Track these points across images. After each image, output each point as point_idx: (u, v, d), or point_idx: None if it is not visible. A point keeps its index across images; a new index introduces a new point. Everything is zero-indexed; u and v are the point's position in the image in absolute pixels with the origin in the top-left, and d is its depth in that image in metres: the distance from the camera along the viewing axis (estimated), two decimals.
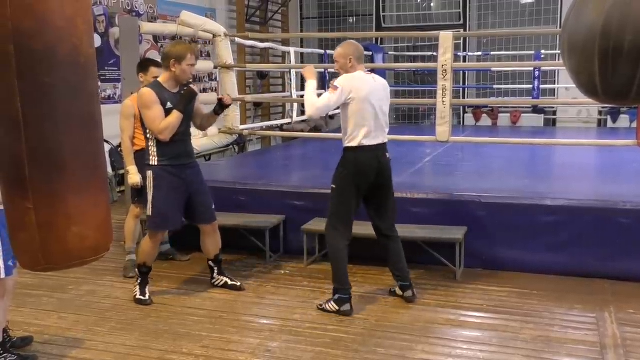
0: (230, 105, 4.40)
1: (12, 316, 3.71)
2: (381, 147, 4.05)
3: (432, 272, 4.76)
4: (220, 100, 4.33)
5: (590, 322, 3.87)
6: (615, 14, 1.53)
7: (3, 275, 3.18)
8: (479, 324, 3.90)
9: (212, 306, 4.20)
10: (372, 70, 4.61)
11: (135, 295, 4.27)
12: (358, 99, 3.90)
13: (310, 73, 4.09)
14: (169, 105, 4.05)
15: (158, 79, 4.19)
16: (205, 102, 4.63)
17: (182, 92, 4.11)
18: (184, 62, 4.06)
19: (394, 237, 4.21)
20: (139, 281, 4.30)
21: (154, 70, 4.72)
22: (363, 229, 4.35)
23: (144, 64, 4.82)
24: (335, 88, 3.89)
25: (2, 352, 3.33)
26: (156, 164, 4.12)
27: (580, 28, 1.62)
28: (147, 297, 4.26)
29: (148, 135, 4.13)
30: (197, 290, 4.50)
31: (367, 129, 3.94)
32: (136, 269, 4.35)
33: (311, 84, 4.05)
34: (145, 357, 3.46)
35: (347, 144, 4.00)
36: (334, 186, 4.06)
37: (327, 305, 4.05)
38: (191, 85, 4.15)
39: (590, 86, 1.68)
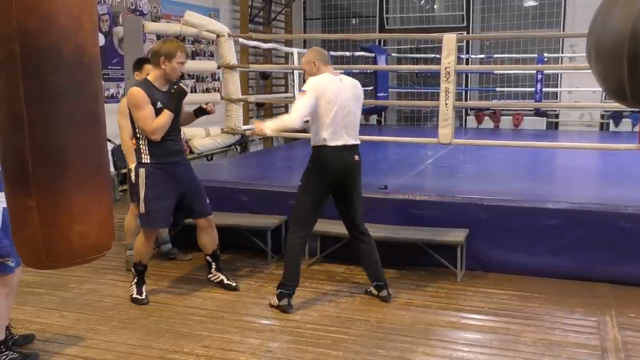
0: (210, 113, 4.40)
1: (14, 314, 3.71)
2: (349, 148, 4.04)
3: (433, 274, 4.76)
4: (202, 108, 4.30)
5: (591, 326, 3.87)
6: None
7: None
8: (479, 327, 3.90)
9: (214, 306, 4.21)
10: (374, 72, 4.61)
11: (132, 294, 4.28)
12: (323, 100, 3.94)
13: (262, 126, 4.10)
14: (159, 104, 4.03)
15: (147, 77, 4.18)
16: (206, 101, 4.63)
17: (172, 90, 4.09)
18: (174, 59, 4.04)
19: (364, 236, 4.22)
20: (135, 280, 4.31)
21: (148, 68, 4.73)
22: None
23: (139, 62, 4.84)
24: (304, 92, 3.96)
25: (4, 349, 3.34)
26: (148, 161, 4.11)
27: (608, 33, 1.59)
28: (143, 296, 4.26)
29: (138, 135, 4.12)
30: (199, 289, 4.51)
31: (332, 130, 3.96)
32: (132, 268, 4.35)
33: (269, 125, 4.09)
34: (147, 357, 3.47)
35: (313, 144, 4.06)
36: (300, 184, 4.11)
37: (271, 301, 4.14)
38: (180, 84, 4.14)
39: (619, 91, 1.65)
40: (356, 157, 4.09)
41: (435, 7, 13.12)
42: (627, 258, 4.52)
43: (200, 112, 4.32)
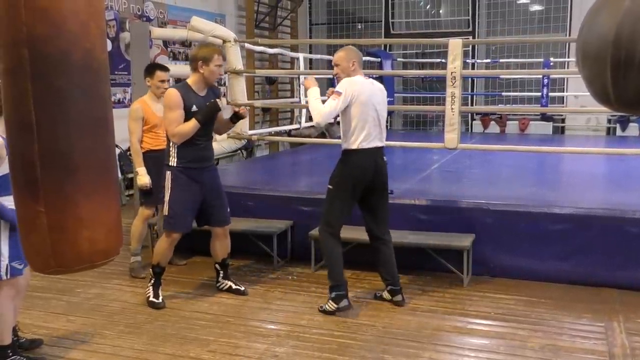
0: (244, 117, 4.46)
1: (20, 318, 3.72)
2: (379, 151, 4.10)
3: (439, 279, 4.75)
4: (237, 113, 4.36)
5: (598, 332, 3.85)
6: (627, 23, 1.52)
7: (6, 277, 3.20)
8: (486, 332, 3.88)
9: (220, 311, 4.21)
10: (380, 77, 4.64)
11: (149, 297, 4.28)
12: (359, 103, 3.96)
13: (312, 82, 4.15)
14: (194, 108, 4.09)
15: (187, 81, 4.23)
16: (240, 106, 4.69)
17: (208, 104, 4.13)
18: (212, 63, 4.12)
19: (387, 240, 4.24)
20: (152, 282, 4.31)
21: (159, 74, 4.77)
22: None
23: (150, 69, 4.88)
24: (339, 93, 3.95)
25: (10, 353, 3.35)
26: (175, 164, 4.15)
27: (593, 37, 1.62)
28: (160, 299, 4.27)
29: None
30: (205, 294, 4.51)
31: (366, 132, 3.99)
32: (150, 269, 4.36)
33: (314, 91, 4.10)
34: None
35: (346, 147, 4.05)
36: (330, 187, 4.11)
37: (326, 306, 4.10)
38: (217, 100, 4.18)
39: (603, 95, 1.68)
40: (385, 159, 4.16)
41: (441, 12, 13.12)
42: (635, 263, 4.50)
43: (236, 117, 4.37)
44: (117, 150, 7.35)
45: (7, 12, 1.63)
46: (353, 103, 3.96)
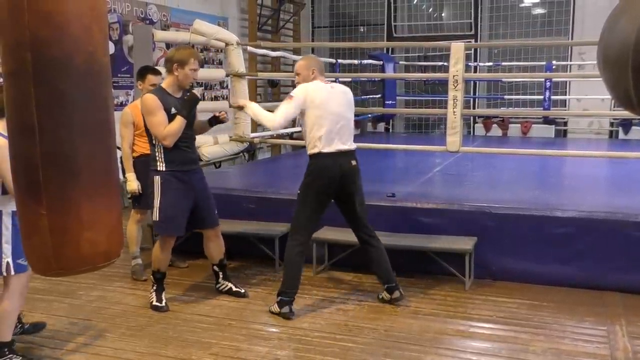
0: (224, 122, 4.42)
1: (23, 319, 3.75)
2: (344, 153, 4.06)
3: (441, 283, 4.74)
4: (217, 117, 4.31)
5: (601, 335, 3.84)
6: None
7: (12, 272, 3.24)
8: (488, 335, 3.88)
9: (221, 313, 4.21)
10: (382, 80, 4.64)
11: (152, 301, 4.29)
12: (313, 106, 3.97)
13: (240, 100, 4.23)
14: (173, 110, 4.07)
15: (161, 85, 4.22)
16: (215, 109, 4.66)
17: (185, 97, 4.13)
18: (187, 66, 4.08)
19: (372, 239, 4.24)
20: (154, 287, 4.32)
21: (151, 78, 4.76)
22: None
23: (142, 72, 4.86)
24: (291, 97, 3.99)
25: (7, 352, 3.36)
26: (163, 169, 4.14)
27: (614, 42, 1.62)
28: (163, 303, 4.27)
29: (154, 141, 4.15)
30: (206, 297, 4.51)
31: (325, 136, 3.98)
32: (151, 276, 4.37)
33: (251, 105, 4.18)
34: None
35: (309, 151, 4.07)
36: (298, 192, 4.13)
37: (272, 308, 4.15)
38: (193, 91, 4.17)
39: (626, 99, 1.68)
40: (353, 163, 4.11)
41: (443, 15, 13.12)
42: (637, 266, 4.49)
43: (215, 120, 4.34)
44: (119, 153, 7.37)
45: (10, 16, 1.64)
46: (308, 107, 3.96)
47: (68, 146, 1.71)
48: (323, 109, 3.98)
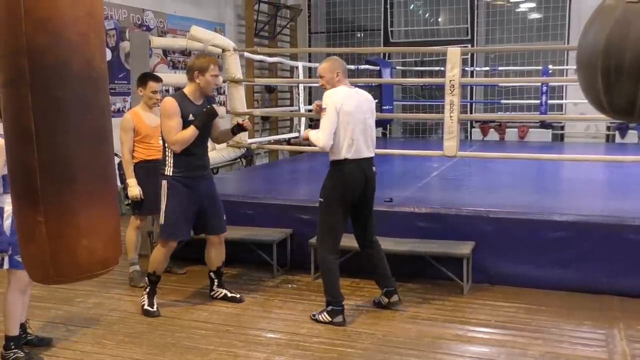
0: (247, 130, 4.46)
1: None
2: (367, 161, 4.10)
3: (439, 287, 4.74)
4: (240, 124, 4.35)
5: (599, 339, 3.84)
6: (616, 32, 1.55)
7: (6, 266, 3.26)
8: (486, 340, 3.87)
9: (219, 320, 4.20)
10: (379, 86, 4.65)
11: (143, 305, 4.28)
12: (343, 113, 3.96)
13: (305, 133, 4.20)
14: (191, 117, 4.11)
15: (183, 90, 4.25)
16: (243, 118, 4.69)
17: (204, 110, 4.16)
18: (207, 73, 4.13)
19: (375, 244, 4.27)
20: (147, 290, 4.31)
21: (152, 85, 4.78)
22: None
23: (143, 79, 4.88)
24: (324, 110, 3.96)
25: (13, 346, 3.35)
26: (171, 174, 4.17)
27: (586, 46, 1.66)
28: (154, 308, 4.27)
29: (165, 145, 4.18)
30: (204, 303, 4.50)
31: (353, 142, 3.99)
32: (146, 278, 4.36)
33: (310, 134, 4.11)
34: None
35: (333, 158, 4.05)
36: (321, 200, 4.10)
37: (319, 316, 4.10)
38: (214, 106, 4.22)
39: (597, 102, 1.72)
40: (374, 169, 4.16)
41: (439, 20, 13.16)
42: (635, 270, 4.49)
43: (238, 128, 4.37)
44: (117, 160, 7.36)
45: (7, 22, 1.64)
46: (338, 113, 3.97)
47: (65, 153, 1.70)
48: (351, 115, 3.98)
